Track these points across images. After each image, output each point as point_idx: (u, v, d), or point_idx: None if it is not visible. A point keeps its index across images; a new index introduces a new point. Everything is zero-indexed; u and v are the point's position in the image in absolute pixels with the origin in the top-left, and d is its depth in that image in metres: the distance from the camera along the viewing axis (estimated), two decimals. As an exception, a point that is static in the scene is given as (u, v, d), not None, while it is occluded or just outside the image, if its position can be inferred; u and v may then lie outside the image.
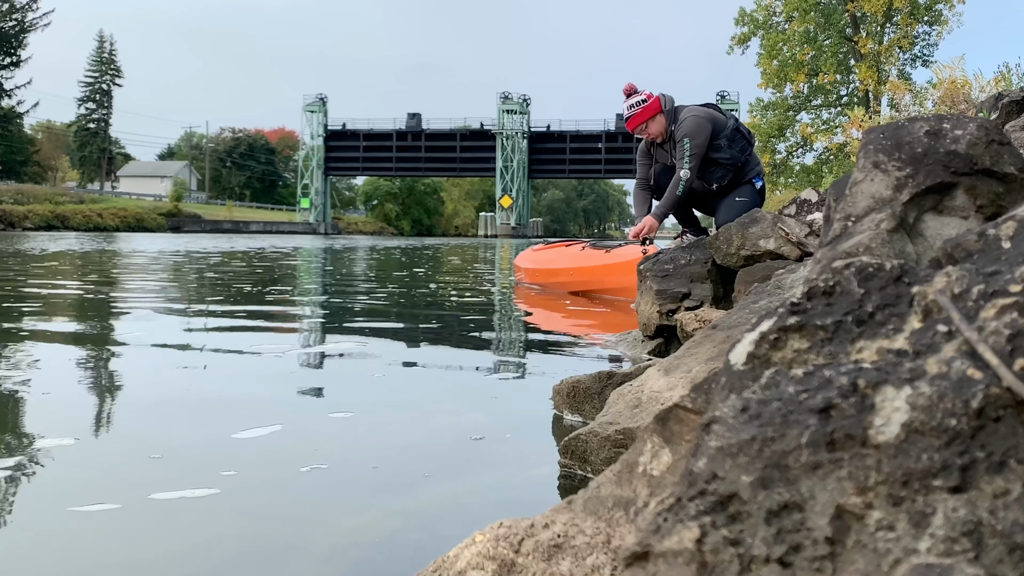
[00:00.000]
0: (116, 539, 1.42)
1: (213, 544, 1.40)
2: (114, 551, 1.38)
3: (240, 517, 1.53)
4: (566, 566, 0.94)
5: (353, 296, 6.76)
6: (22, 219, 40.25)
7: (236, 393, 2.66)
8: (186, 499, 1.59)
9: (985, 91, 8.32)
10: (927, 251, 1.14)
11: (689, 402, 0.97)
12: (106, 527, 1.46)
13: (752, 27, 29.74)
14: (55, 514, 1.52)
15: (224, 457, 1.87)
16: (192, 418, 2.28)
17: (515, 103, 65.27)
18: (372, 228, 73.58)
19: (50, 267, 9.75)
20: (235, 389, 2.73)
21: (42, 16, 60.29)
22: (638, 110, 5.14)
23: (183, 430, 2.14)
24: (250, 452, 1.93)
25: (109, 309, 5.27)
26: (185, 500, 1.58)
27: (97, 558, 1.36)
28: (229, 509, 1.56)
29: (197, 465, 1.82)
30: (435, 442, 2.09)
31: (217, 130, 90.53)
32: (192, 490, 1.63)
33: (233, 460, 1.84)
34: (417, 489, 1.70)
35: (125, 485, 1.68)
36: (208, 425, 2.18)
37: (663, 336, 3.34)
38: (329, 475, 1.79)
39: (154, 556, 1.34)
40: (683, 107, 5.21)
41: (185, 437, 2.07)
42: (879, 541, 0.63)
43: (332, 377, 3.03)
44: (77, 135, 70.68)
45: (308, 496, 1.65)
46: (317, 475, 1.77)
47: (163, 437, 2.05)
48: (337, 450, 1.98)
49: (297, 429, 2.15)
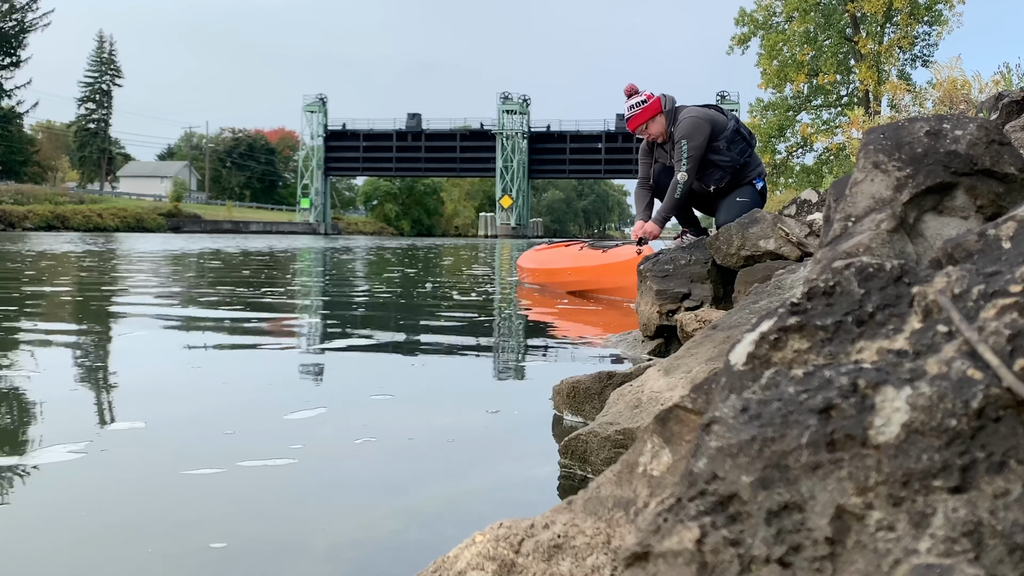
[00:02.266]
0: (226, 496, 1.64)
1: (213, 543, 1.40)
2: (227, 504, 1.61)
3: (240, 517, 1.53)
4: (566, 566, 0.94)
5: (353, 296, 6.76)
6: (22, 219, 40.23)
7: (241, 396, 2.66)
8: (269, 467, 1.80)
9: (984, 91, 8.32)
10: (927, 251, 1.14)
11: (689, 402, 0.97)
12: (214, 487, 1.68)
13: (752, 27, 29.74)
14: (172, 476, 1.76)
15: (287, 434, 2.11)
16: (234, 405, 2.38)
17: (515, 103, 65.26)
18: (372, 228, 73.56)
19: (83, 267, 9.75)
20: (237, 389, 2.74)
21: (42, 16, 60.32)
22: (638, 111, 5.14)
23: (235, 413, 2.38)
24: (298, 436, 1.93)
25: (139, 311, 5.27)
26: (269, 468, 1.80)
27: (223, 509, 1.59)
28: (305, 473, 1.80)
29: (268, 439, 2.04)
30: (435, 442, 2.09)
31: (217, 130, 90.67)
32: (274, 460, 1.88)
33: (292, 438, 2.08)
34: (417, 489, 1.70)
35: (216, 455, 1.90)
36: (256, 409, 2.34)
37: (663, 336, 3.34)
38: (329, 475, 1.79)
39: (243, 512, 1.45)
40: (683, 107, 5.21)
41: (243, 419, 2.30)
42: (879, 541, 0.63)
43: (332, 377, 3.03)
44: (77, 135, 70.65)
45: (308, 496, 1.65)
46: (323, 468, 1.77)
47: (224, 419, 2.25)
48: (337, 450, 1.98)
49: (298, 428, 2.15)
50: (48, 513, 1.55)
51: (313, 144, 66.53)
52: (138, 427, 2.14)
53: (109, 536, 1.45)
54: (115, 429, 2.14)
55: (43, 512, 1.56)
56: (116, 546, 1.41)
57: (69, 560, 1.34)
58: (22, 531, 1.47)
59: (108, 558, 1.35)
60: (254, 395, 2.66)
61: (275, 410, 2.37)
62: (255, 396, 2.64)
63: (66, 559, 1.35)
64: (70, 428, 2.12)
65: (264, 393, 2.69)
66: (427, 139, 67.39)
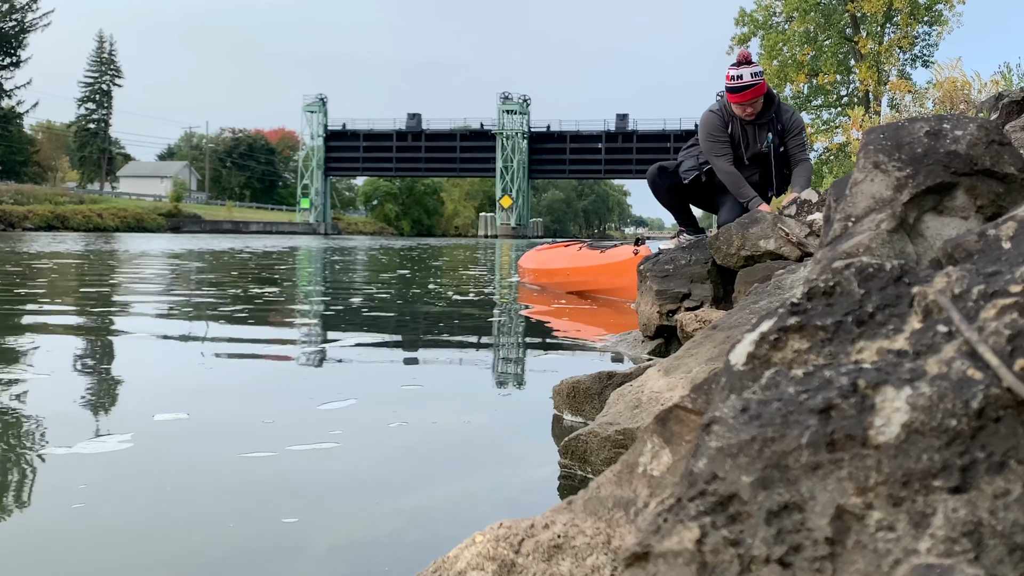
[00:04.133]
0: (226, 496, 1.68)
1: (213, 542, 1.40)
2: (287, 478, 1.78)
3: (240, 517, 1.53)
4: (566, 566, 0.94)
5: (353, 297, 6.76)
6: (22, 219, 40.19)
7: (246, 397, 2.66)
8: (269, 467, 1.84)
9: (984, 91, 8.31)
10: (927, 251, 1.14)
11: (689, 402, 0.97)
12: (214, 488, 1.72)
13: (752, 27, 29.74)
14: (233, 456, 1.91)
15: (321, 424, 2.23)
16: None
17: (515, 103, 65.22)
18: (372, 228, 73.51)
19: (97, 268, 9.75)
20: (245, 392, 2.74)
21: (42, 16, 60.28)
22: (761, 80, 4.75)
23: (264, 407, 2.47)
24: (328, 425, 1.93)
25: (155, 312, 5.27)
26: (268, 468, 1.84)
27: (224, 509, 1.61)
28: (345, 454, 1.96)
29: (269, 438, 2.08)
30: (435, 442, 2.09)
31: (217, 130, 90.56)
32: (371, 422, 2.16)
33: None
34: (417, 489, 1.70)
35: (265, 441, 2.01)
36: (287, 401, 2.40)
37: (663, 336, 3.34)
38: (329, 475, 1.79)
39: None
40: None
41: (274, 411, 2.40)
42: (879, 541, 0.63)
43: (331, 378, 3.03)
44: (77, 135, 70.60)
45: (308, 496, 1.65)
46: (331, 466, 1.77)
47: (258, 410, 2.36)
48: (335, 450, 1.98)
49: (298, 428, 2.15)
50: (99, 494, 1.66)
51: (313, 144, 66.49)
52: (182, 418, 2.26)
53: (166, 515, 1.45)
54: (212, 406, 2.36)
55: (99, 493, 1.67)
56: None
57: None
58: (99, 509, 1.58)
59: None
60: (246, 400, 2.66)
61: (275, 410, 2.37)
62: (265, 399, 2.64)
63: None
64: (113, 421, 2.24)
65: (269, 395, 2.70)
66: (427, 139, 67.34)
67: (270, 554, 1.36)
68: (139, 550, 1.37)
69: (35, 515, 1.56)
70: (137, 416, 2.25)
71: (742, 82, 4.66)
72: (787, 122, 4.84)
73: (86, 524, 1.49)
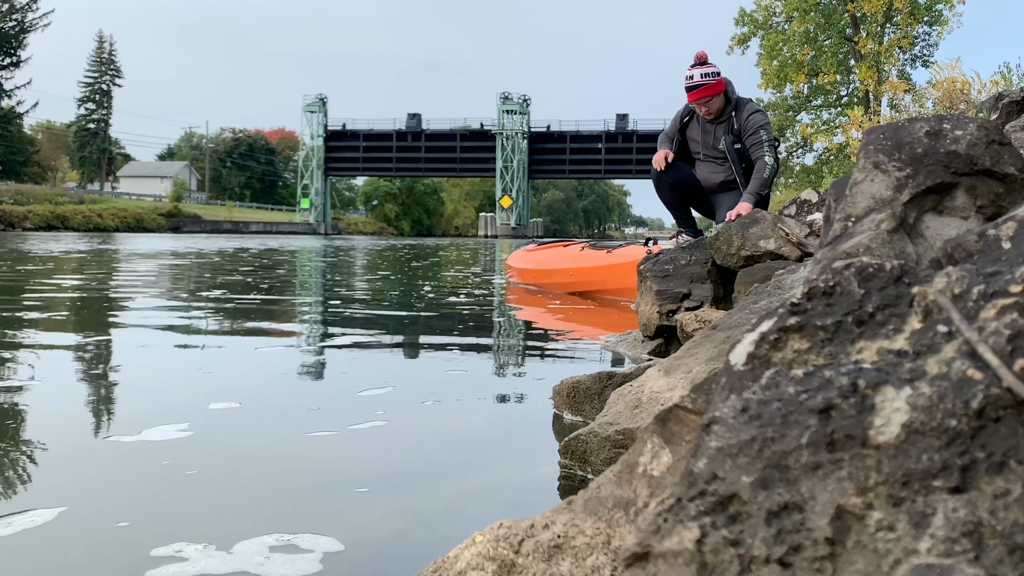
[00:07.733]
0: (224, 497, 1.68)
1: (211, 544, 1.40)
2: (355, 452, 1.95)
3: (238, 517, 1.53)
4: (566, 567, 0.93)
5: (352, 297, 6.76)
6: (22, 219, 40.17)
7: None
8: (268, 467, 1.87)
9: (984, 91, 8.31)
10: (927, 251, 1.14)
11: (689, 402, 0.97)
12: (212, 489, 1.71)
13: (752, 27, 29.73)
14: (300, 435, 2.09)
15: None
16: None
17: (515, 103, 65.21)
18: (372, 228, 73.48)
19: (119, 267, 9.75)
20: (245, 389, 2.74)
21: (42, 16, 60.25)
22: (712, 81, 4.93)
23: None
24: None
25: (173, 311, 5.27)
26: (267, 468, 1.87)
27: (222, 510, 1.62)
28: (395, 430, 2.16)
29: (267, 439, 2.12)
30: (435, 442, 2.09)
31: (217, 130, 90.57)
32: (371, 422, 2.23)
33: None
34: (417, 489, 1.70)
35: (265, 441, 2.08)
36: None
37: (663, 336, 3.34)
38: (328, 475, 1.79)
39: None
40: (741, 98, 5.11)
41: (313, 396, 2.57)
42: (879, 541, 0.63)
43: (330, 378, 3.03)
44: (77, 135, 70.57)
45: (307, 496, 1.65)
46: (321, 470, 1.77)
47: (258, 412, 2.40)
48: (335, 450, 1.98)
49: (297, 429, 2.15)
50: (160, 473, 1.79)
51: (313, 144, 66.48)
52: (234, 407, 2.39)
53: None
54: (260, 396, 2.51)
55: (161, 473, 1.79)
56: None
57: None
58: (169, 489, 1.69)
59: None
60: (264, 396, 2.66)
61: (274, 409, 2.37)
62: (264, 399, 2.64)
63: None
64: (168, 411, 2.34)
65: (271, 395, 2.69)
66: (427, 139, 67.32)
67: (269, 554, 1.36)
68: (136, 551, 1.37)
69: (124, 489, 1.70)
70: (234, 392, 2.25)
71: (692, 82, 4.93)
72: (743, 122, 4.98)
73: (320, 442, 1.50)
